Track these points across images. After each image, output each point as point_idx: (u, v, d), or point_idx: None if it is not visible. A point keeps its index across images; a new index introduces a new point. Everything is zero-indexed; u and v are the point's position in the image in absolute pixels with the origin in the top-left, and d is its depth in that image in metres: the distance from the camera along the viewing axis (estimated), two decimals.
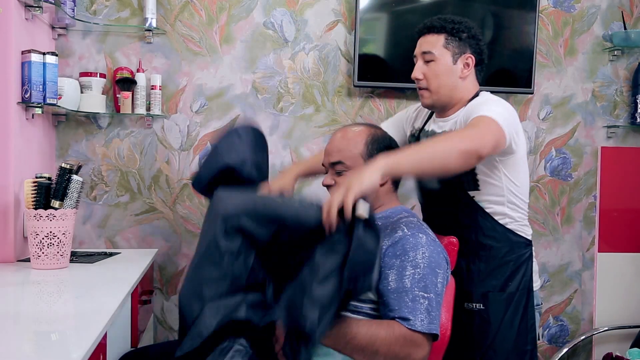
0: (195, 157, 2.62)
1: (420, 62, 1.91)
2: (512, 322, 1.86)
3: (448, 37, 1.87)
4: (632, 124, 2.88)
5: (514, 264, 1.88)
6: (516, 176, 1.86)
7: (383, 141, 1.82)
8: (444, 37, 1.87)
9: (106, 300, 1.60)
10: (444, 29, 1.87)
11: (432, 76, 1.88)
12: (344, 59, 2.70)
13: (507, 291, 1.87)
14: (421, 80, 1.90)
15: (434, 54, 1.87)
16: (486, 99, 1.86)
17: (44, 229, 1.93)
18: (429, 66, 1.88)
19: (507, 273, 1.87)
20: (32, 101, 2.09)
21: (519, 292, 1.88)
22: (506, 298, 1.87)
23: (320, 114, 2.70)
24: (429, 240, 1.61)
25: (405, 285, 1.54)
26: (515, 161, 1.85)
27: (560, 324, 2.92)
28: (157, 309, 2.62)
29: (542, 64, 2.82)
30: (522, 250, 1.90)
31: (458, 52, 1.87)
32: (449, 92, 1.89)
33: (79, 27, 2.51)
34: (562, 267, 2.91)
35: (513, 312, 1.87)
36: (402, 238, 1.60)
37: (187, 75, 2.61)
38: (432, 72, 1.88)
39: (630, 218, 2.92)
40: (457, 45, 1.87)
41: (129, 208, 2.60)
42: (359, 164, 1.74)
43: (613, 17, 2.87)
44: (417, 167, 1.58)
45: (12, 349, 1.24)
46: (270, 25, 2.65)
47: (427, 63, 1.89)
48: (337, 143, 1.79)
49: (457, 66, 1.88)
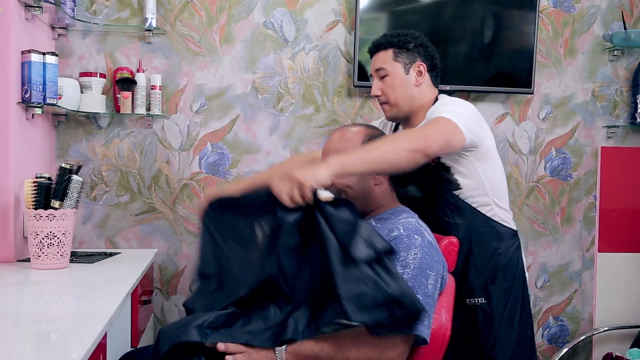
0: (195, 157, 2.62)
1: (376, 79, 2.00)
2: (513, 314, 1.93)
3: (396, 50, 1.96)
4: (632, 124, 2.88)
5: (505, 254, 1.94)
6: (491, 166, 1.93)
7: None
8: (392, 51, 1.96)
9: (106, 300, 1.60)
10: (390, 44, 1.97)
11: (389, 90, 1.97)
12: (344, 59, 2.70)
13: (504, 284, 1.93)
14: (380, 96, 1.99)
15: (386, 69, 1.96)
16: (444, 102, 1.92)
17: (44, 229, 1.93)
18: (384, 81, 1.98)
19: (501, 264, 1.93)
20: (32, 101, 2.09)
21: (516, 283, 1.96)
22: (505, 290, 1.93)
23: (320, 114, 2.70)
24: (423, 242, 1.60)
25: None
26: (485, 153, 1.91)
27: (560, 324, 2.92)
28: (157, 309, 2.62)
29: (542, 64, 2.82)
30: (510, 240, 1.97)
31: (408, 62, 1.96)
32: (408, 102, 1.97)
33: (79, 27, 2.51)
34: (562, 267, 2.91)
35: (513, 303, 1.94)
36: (397, 237, 1.60)
37: (187, 75, 2.61)
38: (388, 86, 1.97)
39: (630, 218, 2.92)
40: (406, 56, 1.96)
41: (129, 208, 2.60)
42: None
43: (613, 17, 2.87)
44: (368, 166, 1.64)
45: (12, 349, 1.24)
46: (270, 25, 2.65)
47: (382, 79, 1.98)
48: (334, 143, 1.80)
49: (410, 75, 1.96)
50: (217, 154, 2.64)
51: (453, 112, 1.79)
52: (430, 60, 1.98)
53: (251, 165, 2.66)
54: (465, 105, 1.89)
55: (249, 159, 2.66)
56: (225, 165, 2.65)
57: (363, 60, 2.61)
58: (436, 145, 1.71)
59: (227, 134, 2.64)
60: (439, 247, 1.68)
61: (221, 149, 2.64)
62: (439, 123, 1.76)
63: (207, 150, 2.63)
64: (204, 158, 2.63)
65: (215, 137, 2.63)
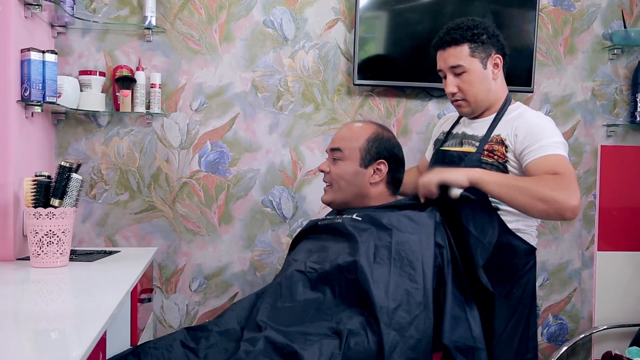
0: (195, 155, 2.62)
1: (451, 76, 1.91)
2: (515, 331, 1.86)
3: (472, 45, 1.87)
4: (631, 123, 2.88)
5: (519, 271, 1.87)
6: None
7: (386, 143, 1.85)
8: (467, 46, 1.87)
9: (106, 298, 1.60)
10: (465, 38, 1.87)
11: (467, 87, 1.89)
12: (344, 58, 2.70)
13: (511, 298, 1.86)
14: (457, 93, 1.91)
15: (463, 65, 1.87)
16: (533, 121, 1.84)
17: (44, 227, 1.93)
18: (461, 78, 1.89)
19: (513, 280, 1.87)
20: (32, 99, 2.08)
21: (524, 301, 1.88)
22: (511, 305, 1.86)
23: (320, 113, 2.70)
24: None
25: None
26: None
27: (560, 323, 2.92)
28: (156, 307, 2.62)
29: (542, 63, 2.82)
30: (527, 257, 1.90)
31: (485, 56, 1.88)
32: (486, 97, 1.91)
33: (79, 25, 2.51)
34: (562, 265, 2.91)
35: (517, 321, 1.86)
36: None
37: (187, 73, 2.61)
38: (466, 83, 1.89)
39: (629, 217, 2.92)
40: (482, 49, 1.87)
41: (129, 206, 2.60)
42: (355, 157, 1.82)
43: (613, 15, 2.87)
44: (502, 190, 1.67)
45: (11, 348, 1.24)
46: (270, 24, 2.65)
47: (458, 75, 1.89)
48: (343, 132, 1.88)
49: (488, 70, 1.89)
50: (216, 152, 2.64)
51: (563, 147, 1.78)
52: (503, 50, 1.91)
53: (251, 163, 2.66)
54: (554, 127, 1.84)
55: (249, 158, 2.66)
56: (225, 164, 2.65)
57: (362, 59, 2.61)
58: (579, 201, 1.66)
59: (226, 133, 2.64)
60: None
61: (221, 147, 2.64)
62: (568, 175, 1.69)
63: (207, 148, 2.63)
64: (203, 156, 2.63)
65: (215, 136, 2.63)
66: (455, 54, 1.88)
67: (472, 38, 1.86)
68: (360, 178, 1.83)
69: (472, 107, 1.92)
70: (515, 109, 1.92)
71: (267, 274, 2.68)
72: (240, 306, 1.74)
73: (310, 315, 1.58)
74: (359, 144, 1.83)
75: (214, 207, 2.64)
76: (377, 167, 1.84)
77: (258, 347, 1.49)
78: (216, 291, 2.67)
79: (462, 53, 1.87)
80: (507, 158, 1.83)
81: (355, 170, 1.84)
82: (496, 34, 1.91)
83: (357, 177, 1.83)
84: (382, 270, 1.59)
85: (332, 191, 1.88)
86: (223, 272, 2.67)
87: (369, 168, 1.84)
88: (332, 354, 1.46)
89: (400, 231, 1.65)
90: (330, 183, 1.89)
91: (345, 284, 1.60)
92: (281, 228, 2.69)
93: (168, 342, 1.64)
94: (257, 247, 2.68)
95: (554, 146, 1.76)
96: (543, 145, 1.76)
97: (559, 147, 1.77)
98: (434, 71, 1.99)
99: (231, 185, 2.65)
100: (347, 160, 1.84)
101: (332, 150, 1.88)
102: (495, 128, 1.88)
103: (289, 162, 2.68)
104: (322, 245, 1.76)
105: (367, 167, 1.84)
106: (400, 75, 2.64)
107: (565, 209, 1.64)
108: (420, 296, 1.55)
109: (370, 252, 1.62)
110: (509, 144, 1.82)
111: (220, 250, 2.66)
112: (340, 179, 1.84)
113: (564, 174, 1.69)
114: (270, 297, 1.67)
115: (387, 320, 1.50)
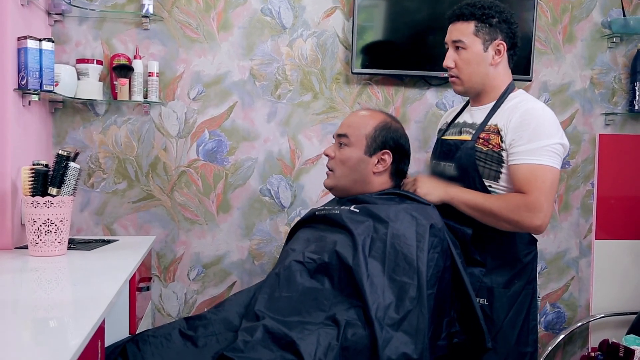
0: (192, 144, 2.62)
1: (451, 50, 1.90)
2: (514, 322, 1.85)
3: (478, 24, 1.85)
4: (630, 112, 2.88)
5: (520, 261, 1.87)
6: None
7: (393, 133, 1.85)
8: (473, 24, 1.86)
9: (104, 287, 1.60)
10: (473, 15, 1.86)
11: (463, 64, 1.88)
12: (342, 46, 2.69)
13: (512, 289, 1.85)
14: (452, 68, 1.90)
15: (464, 42, 1.86)
16: (529, 115, 1.80)
17: (42, 216, 1.93)
18: (459, 54, 1.88)
19: (514, 271, 1.86)
20: (29, 88, 2.08)
21: (524, 292, 1.87)
22: (511, 296, 1.85)
23: (318, 101, 2.69)
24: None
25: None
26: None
27: (557, 311, 2.93)
28: (155, 296, 2.63)
29: (540, 51, 2.81)
30: (529, 248, 1.89)
31: (489, 39, 1.86)
32: (480, 80, 1.89)
33: (76, 13, 2.50)
34: (560, 254, 2.91)
35: (516, 312, 1.85)
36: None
37: (185, 62, 2.60)
38: (463, 61, 1.88)
39: (627, 205, 2.92)
40: (487, 31, 1.86)
41: (127, 195, 2.60)
42: (360, 144, 1.82)
43: (612, 3, 2.86)
44: (470, 212, 1.79)
45: (10, 337, 1.24)
46: (267, 12, 2.64)
47: (457, 51, 1.88)
48: (351, 118, 1.90)
49: (488, 53, 1.87)
50: (214, 141, 2.63)
51: (554, 152, 1.75)
52: (511, 39, 1.89)
53: (249, 152, 2.65)
54: (555, 123, 1.81)
55: (247, 146, 2.65)
56: (223, 153, 2.64)
57: (361, 47, 2.60)
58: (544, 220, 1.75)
59: (224, 121, 2.63)
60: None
61: (219, 136, 2.63)
62: (536, 194, 1.73)
63: (205, 137, 2.62)
64: (201, 145, 2.63)
65: (213, 124, 2.63)
66: (461, 29, 1.87)
67: (480, 17, 1.85)
68: (364, 166, 1.83)
69: (465, 86, 1.91)
70: (514, 97, 1.89)
71: (266, 263, 2.68)
72: (239, 296, 1.75)
73: (308, 305, 1.59)
74: (365, 131, 1.84)
75: (212, 196, 2.64)
76: (382, 157, 1.84)
77: (256, 336, 1.50)
78: (214, 280, 2.67)
79: (467, 30, 1.86)
80: (502, 147, 1.81)
81: (359, 157, 1.84)
82: (510, 20, 1.88)
83: (360, 165, 1.83)
84: (376, 264, 1.60)
85: (334, 176, 1.89)
86: (221, 260, 2.67)
87: (374, 157, 1.84)
88: (329, 344, 1.47)
89: (396, 225, 1.65)
90: (333, 168, 1.89)
91: (343, 275, 1.60)
92: (279, 217, 2.70)
93: (167, 330, 1.65)
94: (256, 235, 2.69)
95: (541, 152, 1.74)
96: (531, 148, 1.75)
97: (547, 153, 1.74)
98: (433, 60, 1.99)
99: (229, 174, 2.65)
100: (353, 147, 1.84)
101: (339, 135, 1.88)
102: (492, 116, 1.86)
103: (287, 150, 2.68)
104: (320, 235, 1.76)
105: (372, 156, 1.84)
106: (399, 63, 2.63)
107: (528, 229, 1.78)
108: (415, 291, 1.55)
109: (366, 246, 1.63)
110: (504, 134, 1.81)
111: (218, 239, 2.66)
112: (344, 165, 1.85)
113: (533, 192, 1.73)
114: (268, 287, 1.67)
115: (381, 315, 1.51)
